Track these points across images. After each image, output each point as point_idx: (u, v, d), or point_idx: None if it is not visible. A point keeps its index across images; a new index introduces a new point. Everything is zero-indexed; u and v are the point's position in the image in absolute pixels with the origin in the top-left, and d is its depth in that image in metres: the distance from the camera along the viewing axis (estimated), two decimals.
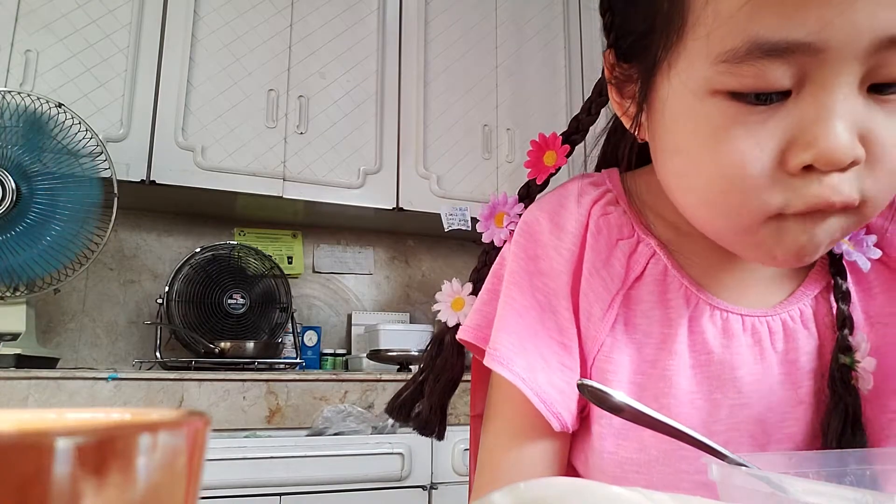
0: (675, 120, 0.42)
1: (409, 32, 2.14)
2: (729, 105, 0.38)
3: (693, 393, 0.47)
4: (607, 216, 0.51)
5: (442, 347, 0.57)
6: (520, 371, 0.48)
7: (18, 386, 1.39)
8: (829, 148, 0.36)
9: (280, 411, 1.54)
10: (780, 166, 0.38)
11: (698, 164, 0.41)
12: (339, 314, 2.26)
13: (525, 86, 2.26)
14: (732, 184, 0.39)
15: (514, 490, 0.26)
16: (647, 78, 0.44)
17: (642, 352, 0.48)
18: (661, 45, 0.42)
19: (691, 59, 0.40)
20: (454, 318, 0.56)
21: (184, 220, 2.11)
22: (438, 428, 0.56)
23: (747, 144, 0.38)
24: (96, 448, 0.14)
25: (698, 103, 0.40)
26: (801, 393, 0.47)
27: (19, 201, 1.52)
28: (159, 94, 1.81)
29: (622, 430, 0.47)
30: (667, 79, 0.42)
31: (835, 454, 0.35)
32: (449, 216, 2.02)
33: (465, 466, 1.56)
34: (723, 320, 0.48)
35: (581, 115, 0.56)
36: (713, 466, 0.32)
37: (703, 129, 0.40)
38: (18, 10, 1.72)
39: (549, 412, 0.47)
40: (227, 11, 1.93)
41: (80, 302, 1.95)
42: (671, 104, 0.42)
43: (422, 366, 0.58)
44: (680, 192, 0.45)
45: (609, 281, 0.49)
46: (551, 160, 0.56)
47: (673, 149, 0.44)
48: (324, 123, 1.98)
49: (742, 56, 0.36)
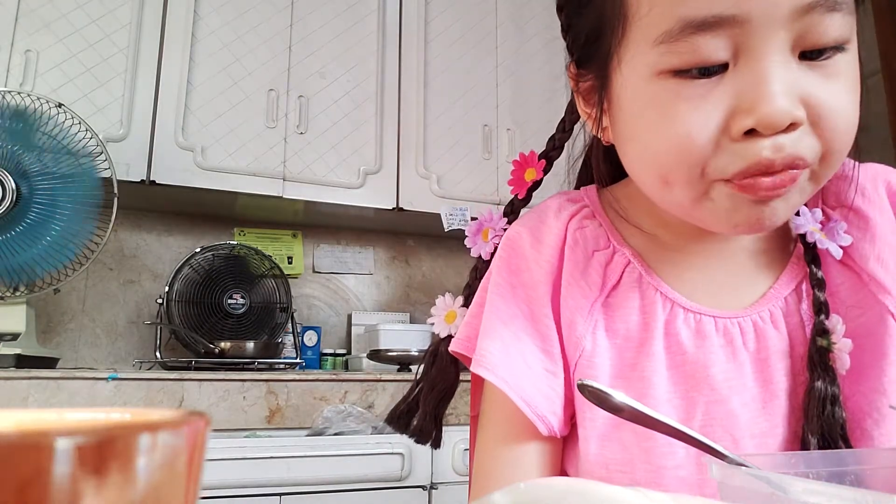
0: (628, 108, 0.46)
1: (409, 32, 2.14)
2: (673, 83, 0.42)
3: (670, 392, 0.49)
4: (583, 229, 0.54)
5: (436, 358, 0.59)
6: (505, 376, 0.50)
7: (18, 386, 1.39)
8: (768, 111, 0.39)
9: (280, 411, 1.54)
10: (724, 133, 0.41)
11: (652, 142, 0.44)
12: (339, 314, 2.26)
13: (525, 86, 2.26)
14: (681, 155, 0.42)
15: (514, 490, 0.26)
16: (602, 77, 0.48)
17: (623, 355, 0.50)
18: (611, 42, 0.45)
19: (636, 47, 0.43)
20: (447, 329, 0.59)
21: (184, 220, 2.11)
22: (434, 436, 0.59)
23: (693, 116, 0.41)
24: (96, 448, 0.14)
25: (646, 86, 0.43)
26: (774, 389, 0.48)
27: (19, 201, 1.52)
28: (159, 94, 1.81)
29: (605, 432, 0.49)
30: (618, 72, 0.45)
31: (835, 454, 0.35)
32: (449, 216, 2.02)
33: (465, 466, 1.56)
34: (696, 322, 0.50)
35: (556, 133, 0.61)
36: (713, 466, 0.32)
37: (653, 109, 0.43)
38: (18, 10, 1.72)
39: (533, 415, 0.50)
40: (227, 11, 1.93)
41: (79, 302, 1.95)
42: (624, 94, 0.45)
43: (418, 377, 0.60)
44: (641, 174, 0.48)
45: (587, 290, 0.52)
46: (531, 176, 0.60)
47: (630, 135, 0.47)
48: (324, 123, 1.98)
49: (676, 35, 0.40)
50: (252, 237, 2.17)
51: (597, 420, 0.49)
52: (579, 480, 0.27)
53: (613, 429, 0.48)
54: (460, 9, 2.22)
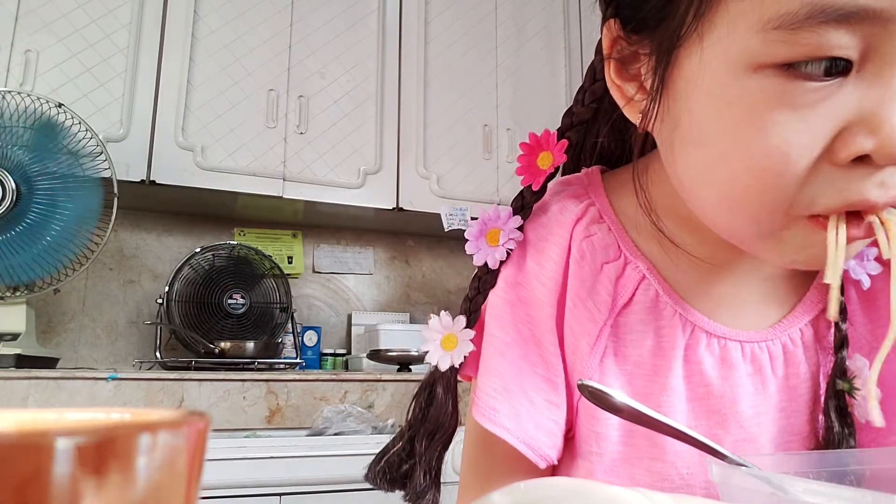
0: (703, 102, 0.36)
1: (409, 32, 2.14)
2: (776, 82, 0.32)
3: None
4: (591, 238, 0.46)
5: (433, 397, 0.48)
6: (505, 421, 0.44)
7: (18, 386, 1.39)
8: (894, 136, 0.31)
9: (280, 411, 1.54)
10: (826, 156, 0.33)
11: (727, 154, 0.35)
12: (339, 314, 2.26)
13: (525, 86, 2.26)
14: (765, 178, 0.33)
15: (514, 490, 0.26)
16: (666, 52, 0.37)
17: (633, 383, 0.45)
18: (691, 10, 0.35)
19: (730, 26, 0.33)
20: (447, 359, 0.47)
21: (184, 220, 2.11)
22: (434, 495, 0.49)
23: (794, 130, 0.32)
24: (96, 448, 0.14)
25: (735, 81, 0.34)
26: (799, 421, 0.44)
27: (19, 201, 1.52)
28: (159, 94, 1.81)
29: (612, 468, 0.44)
30: (696, 52, 0.35)
31: (835, 454, 0.35)
32: (449, 216, 2.02)
33: None
34: (720, 348, 0.44)
35: (574, 107, 0.48)
36: (713, 466, 0.32)
37: (738, 112, 0.34)
38: (18, 10, 1.72)
39: (537, 456, 0.44)
40: (227, 11, 1.93)
41: (79, 302, 1.95)
42: (698, 84, 0.35)
43: (409, 418, 0.49)
44: (700, 189, 0.38)
45: (595, 311, 0.45)
46: (546, 162, 0.47)
47: (696, 138, 0.37)
48: (324, 123, 1.98)
49: (801, 21, 0.31)
50: (252, 237, 2.17)
51: (605, 454, 0.44)
52: (579, 480, 0.27)
53: (621, 465, 0.44)
54: (460, 9, 2.22)
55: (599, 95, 0.46)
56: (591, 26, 2.39)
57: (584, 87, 0.48)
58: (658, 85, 0.38)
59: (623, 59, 0.41)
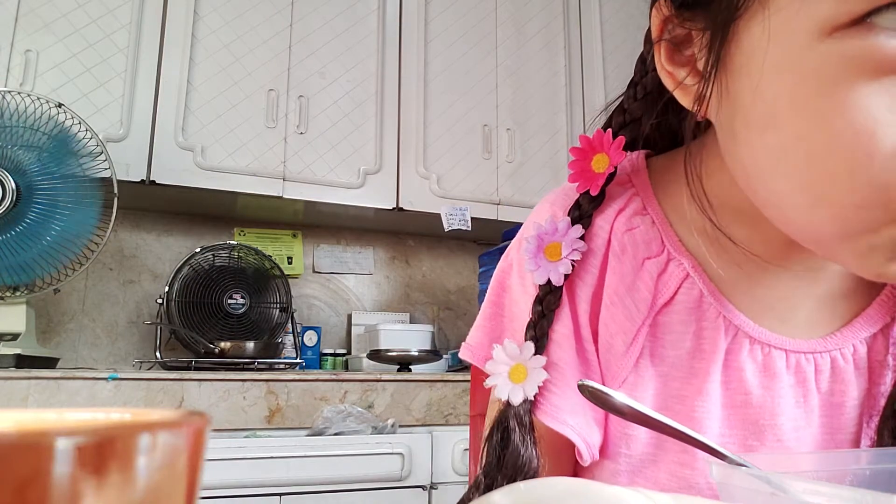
0: (769, 78, 0.31)
1: (409, 32, 2.14)
2: (855, 45, 0.28)
3: (724, 436, 0.41)
4: (632, 231, 0.43)
5: (508, 437, 0.42)
6: (568, 419, 0.42)
7: (18, 386, 1.39)
8: None
9: (280, 411, 1.54)
10: None
11: (805, 135, 0.30)
12: (339, 314, 2.26)
13: (525, 86, 2.26)
14: (854, 161, 0.28)
15: (515, 490, 0.26)
16: (722, 25, 0.33)
17: (668, 385, 0.42)
18: None
19: None
20: (519, 394, 0.42)
21: (184, 220, 2.11)
22: None
23: (880, 103, 0.27)
24: (96, 448, 0.14)
25: (808, 49, 0.29)
26: (839, 440, 0.41)
27: (19, 201, 1.52)
28: (159, 94, 1.81)
29: (640, 469, 0.43)
30: (759, 21, 0.31)
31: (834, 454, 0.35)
32: (449, 216, 2.02)
33: (465, 466, 1.55)
34: (764, 355, 0.41)
35: (626, 102, 0.44)
36: (713, 466, 0.32)
37: (816, 85, 0.29)
38: (18, 10, 1.72)
39: (589, 454, 0.43)
40: (227, 11, 1.93)
41: (79, 302, 1.95)
42: (765, 56, 0.31)
43: (484, 464, 0.44)
44: (766, 180, 0.33)
45: (633, 309, 0.42)
46: (602, 164, 0.43)
47: (764, 120, 0.32)
48: (324, 123, 1.98)
49: None
50: (252, 237, 2.17)
51: (633, 458, 0.43)
52: (580, 480, 0.27)
53: (648, 466, 0.43)
54: (460, 9, 2.22)
55: (651, 89, 0.43)
56: (590, 26, 2.39)
57: (635, 80, 0.44)
58: (714, 62, 0.34)
59: (675, 41, 0.37)
